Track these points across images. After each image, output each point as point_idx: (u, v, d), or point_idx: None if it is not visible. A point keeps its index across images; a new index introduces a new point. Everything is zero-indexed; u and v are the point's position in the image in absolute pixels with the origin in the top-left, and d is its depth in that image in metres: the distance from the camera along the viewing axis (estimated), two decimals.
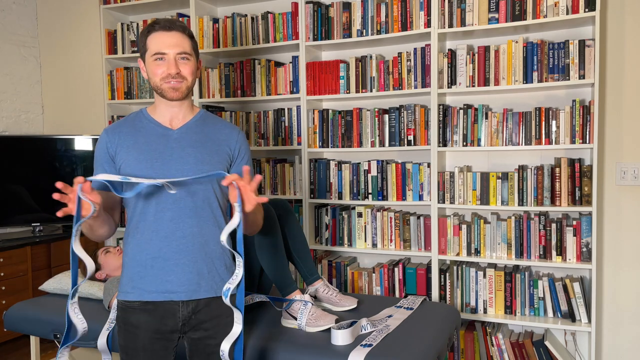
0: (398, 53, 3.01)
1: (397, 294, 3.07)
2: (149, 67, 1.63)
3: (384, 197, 3.08)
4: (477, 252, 2.91)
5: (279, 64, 3.31)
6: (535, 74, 2.74)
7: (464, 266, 2.93)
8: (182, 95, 1.64)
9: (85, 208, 1.45)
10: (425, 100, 3.13)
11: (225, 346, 1.53)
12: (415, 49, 2.97)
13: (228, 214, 1.77)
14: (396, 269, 3.06)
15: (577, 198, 2.71)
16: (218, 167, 1.66)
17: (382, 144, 3.07)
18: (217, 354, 1.67)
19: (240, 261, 1.52)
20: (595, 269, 2.66)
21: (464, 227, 2.92)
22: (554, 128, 2.74)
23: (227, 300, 1.52)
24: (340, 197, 3.19)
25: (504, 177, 2.83)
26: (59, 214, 1.41)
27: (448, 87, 2.91)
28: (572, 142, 2.70)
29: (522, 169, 2.80)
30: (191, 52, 1.64)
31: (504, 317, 2.83)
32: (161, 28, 1.61)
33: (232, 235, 1.66)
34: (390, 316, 2.15)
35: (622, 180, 2.85)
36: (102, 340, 2.11)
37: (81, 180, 1.40)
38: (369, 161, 3.12)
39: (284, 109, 3.31)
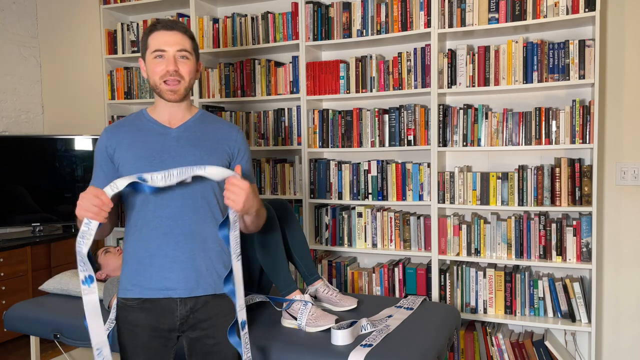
0: (398, 53, 3.01)
1: (397, 294, 3.07)
2: (149, 65, 1.64)
3: (384, 197, 3.08)
4: (477, 252, 2.91)
5: (279, 64, 3.31)
6: (535, 74, 2.74)
7: (464, 266, 2.93)
8: (179, 98, 1.65)
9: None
10: (425, 100, 3.13)
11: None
12: (415, 49, 2.97)
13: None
14: (396, 269, 3.06)
15: (577, 198, 2.70)
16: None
17: (382, 144, 3.07)
18: (215, 354, 1.67)
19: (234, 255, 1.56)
20: (595, 269, 2.66)
21: (464, 227, 2.92)
22: (554, 128, 2.74)
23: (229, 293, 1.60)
24: (340, 197, 3.19)
25: (504, 177, 2.83)
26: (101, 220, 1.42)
27: (448, 87, 2.91)
28: (572, 142, 2.70)
29: (522, 169, 2.80)
30: (191, 52, 1.65)
31: (504, 317, 2.83)
32: (163, 27, 1.63)
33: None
34: (390, 316, 2.15)
35: (622, 180, 2.85)
36: None
37: (108, 202, 1.42)
38: (369, 161, 3.12)
39: (284, 109, 3.31)
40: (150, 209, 1.62)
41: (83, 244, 1.42)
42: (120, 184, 1.45)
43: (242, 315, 1.59)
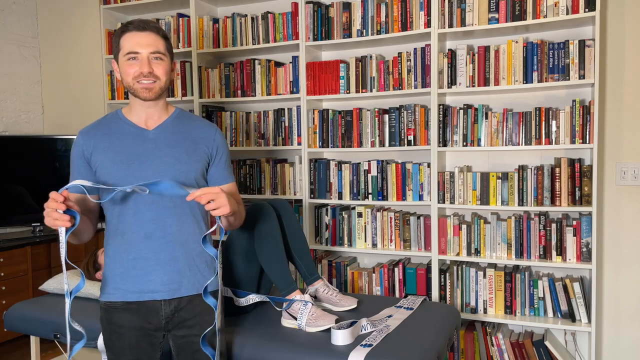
0: (398, 53, 3.01)
1: (397, 294, 3.07)
2: (122, 67, 1.62)
3: (384, 197, 3.08)
4: (477, 252, 2.91)
5: (279, 64, 3.31)
6: (535, 74, 2.74)
7: (464, 266, 2.93)
8: (155, 96, 1.63)
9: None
10: (425, 100, 3.13)
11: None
12: (415, 49, 2.97)
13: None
14: (396, 269, 3.06)
15: (577, 198, 2.71)
16: (196, 166, 1.67)
17: (382, 144, 3.07)
18: (202, 352, 1.68)
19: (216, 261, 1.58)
20: (595, 269, 2.66)
21: (464, 227, 2.92)
22: (554, 128, 2.74)
23: (206, 299, 1.58)
24: (340, 197, 3.19)
25: (504, 177, 2.83)
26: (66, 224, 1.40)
27: (448, 87, 2.91)
28: (572, 142, 2.70)
29: (522, 169, 2.80)
30: (165, 52, 1.64)
31: (504, 317, 2.83)
32: (135, 28, 1.61)
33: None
34: (390, 316, 2.15)
35: (622, 180, 2.85)
36: (102, 340, 2.11)
37: (59, 199, 1.37)
38: (369, 161, 3.12)
39: (284, 109, 3.31)
40: (130, 213, 1.61)
41: (62, 253, 1.42)
42: (83, 183, 1.44)
43: (219, 321, 1.62)
